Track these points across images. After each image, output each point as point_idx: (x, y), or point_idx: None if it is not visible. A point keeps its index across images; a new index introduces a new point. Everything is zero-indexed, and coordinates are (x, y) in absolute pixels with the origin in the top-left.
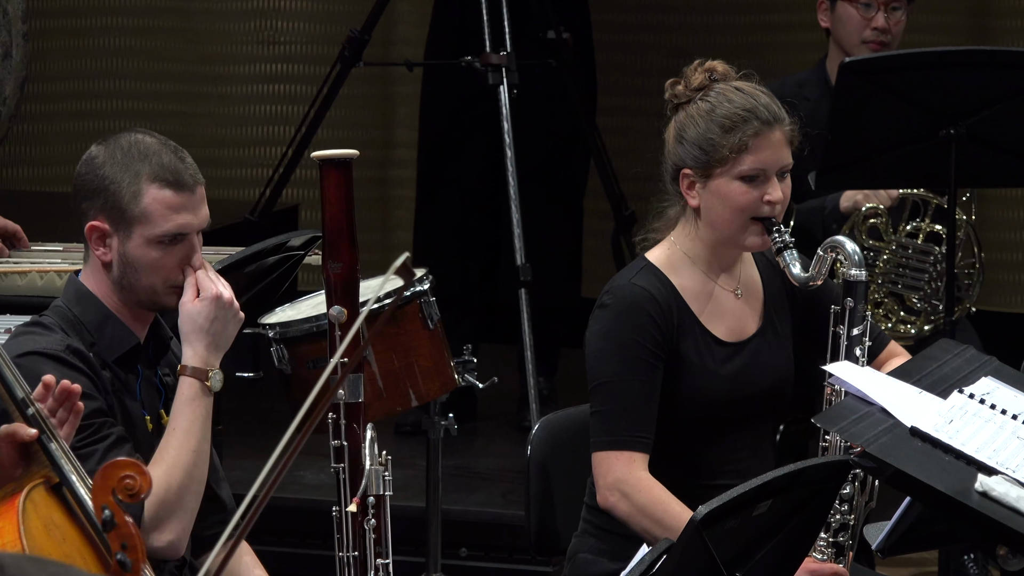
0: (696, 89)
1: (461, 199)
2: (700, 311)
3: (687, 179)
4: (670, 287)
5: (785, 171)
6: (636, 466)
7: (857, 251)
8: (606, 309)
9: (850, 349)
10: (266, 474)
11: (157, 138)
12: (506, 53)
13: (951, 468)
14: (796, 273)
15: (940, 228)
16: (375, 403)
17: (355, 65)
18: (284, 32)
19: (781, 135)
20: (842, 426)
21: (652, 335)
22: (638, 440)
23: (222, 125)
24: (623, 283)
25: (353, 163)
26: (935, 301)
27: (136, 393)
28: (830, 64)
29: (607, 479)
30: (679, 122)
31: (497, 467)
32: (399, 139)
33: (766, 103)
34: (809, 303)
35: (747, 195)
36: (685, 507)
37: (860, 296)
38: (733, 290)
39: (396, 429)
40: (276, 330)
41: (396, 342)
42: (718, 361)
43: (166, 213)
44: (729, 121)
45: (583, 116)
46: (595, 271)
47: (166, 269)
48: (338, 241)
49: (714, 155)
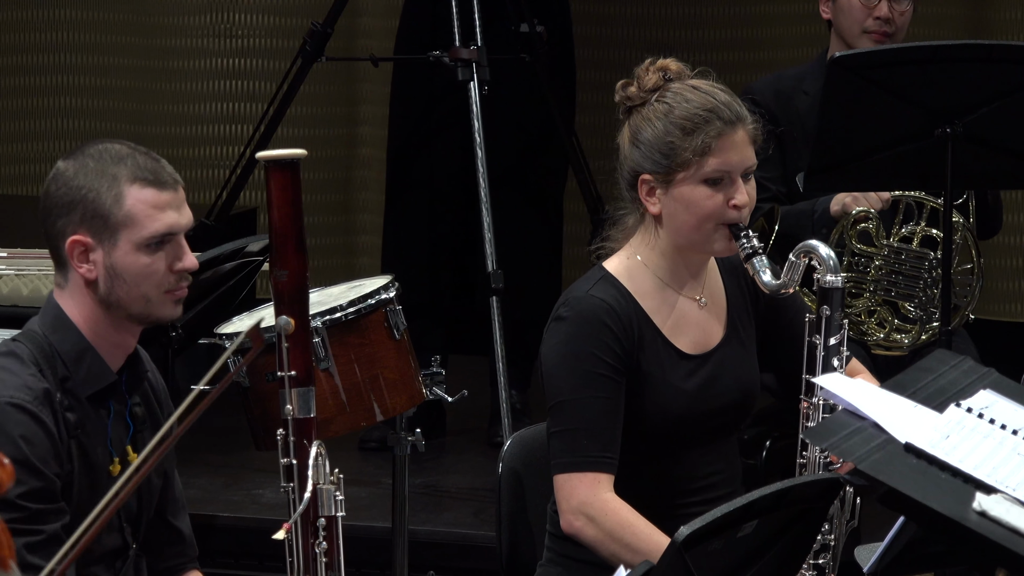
0: (650, 90)
1: (431, 201)
2: (662, 323)
3: (646, 185)
4: (630, 299)
5: (750, 172)
6: (601, 488)
7: (832, 256)
8: (563, 322)
9: (827, 360)
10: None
11: (125, 143)
12: (476, 47)
13: (948, 486)
14: (767, 280)
15: (936, 232)
16: (337, 418)
17: (317, 60)
18: (242, 25)
19: (744, 134)
20: (833, 442)
21: (612, 349)
22: (602, 460)
23: (176, 124)
24: (580, 294)
25: (300, 164)
26: (932, 309)
27: (107, 432)
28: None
29: (571, 503)
30: (633, 125)
31: (467, 485)
32: (364, 138)
33: (726, 101)
34: (772, 311)
35: (712, 200)
36: (655, 529)
37: (836, 304)
38: (696, 299)
39: (360, 445)
40: (233, 340)
41: (360, 353)
42: (682, 375)
43: (152, 213)
44: (689, 122)
45: (558, 114)
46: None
47: (158, 275)
48: (283, 247)
49: (675, 159)
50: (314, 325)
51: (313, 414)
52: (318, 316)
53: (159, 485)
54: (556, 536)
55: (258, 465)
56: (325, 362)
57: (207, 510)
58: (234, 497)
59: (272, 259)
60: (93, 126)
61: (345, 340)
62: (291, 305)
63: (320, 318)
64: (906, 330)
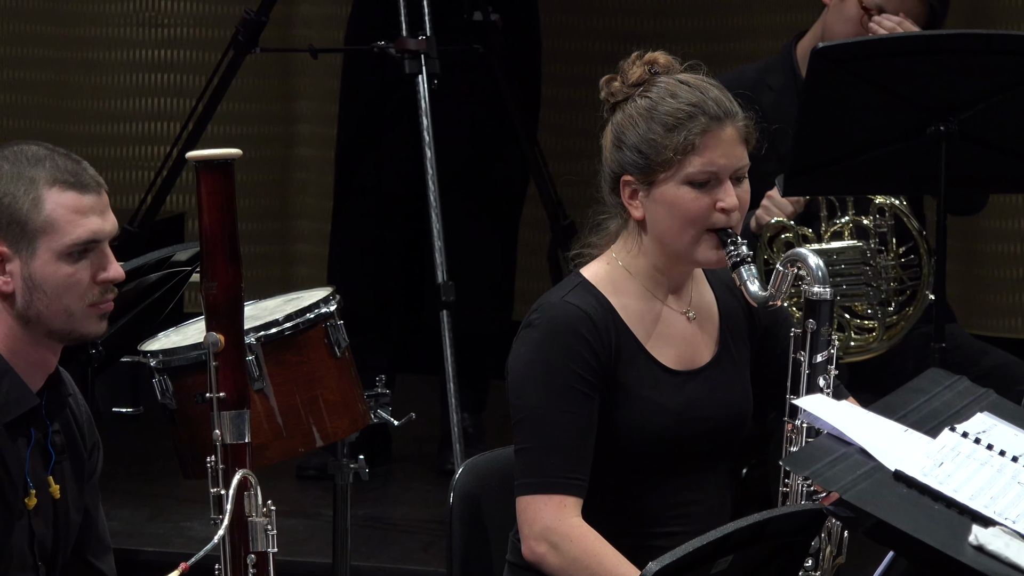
0: (635, 85)
1: (380, 206)
2: (644, 335)
3: (628, 187)
4: (609, 308)
5: (741, 174)
6: (568, 512)
7: (821, 266)
8: (534, 329)
9: (812, 378)
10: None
11: (42, 143)
12: (425, 37)
13: (941, 518)
14: (754, 291)
15: (867, 220)
16: (273, 443)
17: (250, 51)
18: (168, 13)
19: (734, 132)
20: (815, 469)
21: (587, 361)
22: (570, 482)
23: (96, 121)
24: (554, 300)
25: (234, 165)
26: (887, 297)
27: (24, 463)
28: (801, 48)
29: (534, 527)
30: (617, 124)
31: (415, 517)
32: (302, 137)
33: (715, 97)
34: (769, 328)
35: (697, 202)
36: (624, 559)
37: (824, 317)
38: (684, 312)
39: (298, 473)
40: (159, 359)
41: (298, 372)
42: (664, 392)
43: (73, 218)
44: (672, 118)
45: (515, 111)
46: (530, 291)
47: (80, 286)
48: (214, 256)
49: (656, 158)
50: (248, 342)
51: (246, 439)
52: (252, 332)
53: (78, 521)
54: (516, 566)
55: (186, 495)
56: (260, 382)
57: (130, 544)
58: (159, 530)
59: (202, 269)
60: (4, 124)
61: (282, 358)
62: (222, 320)
63: (254, 334)
64: (869, 329)
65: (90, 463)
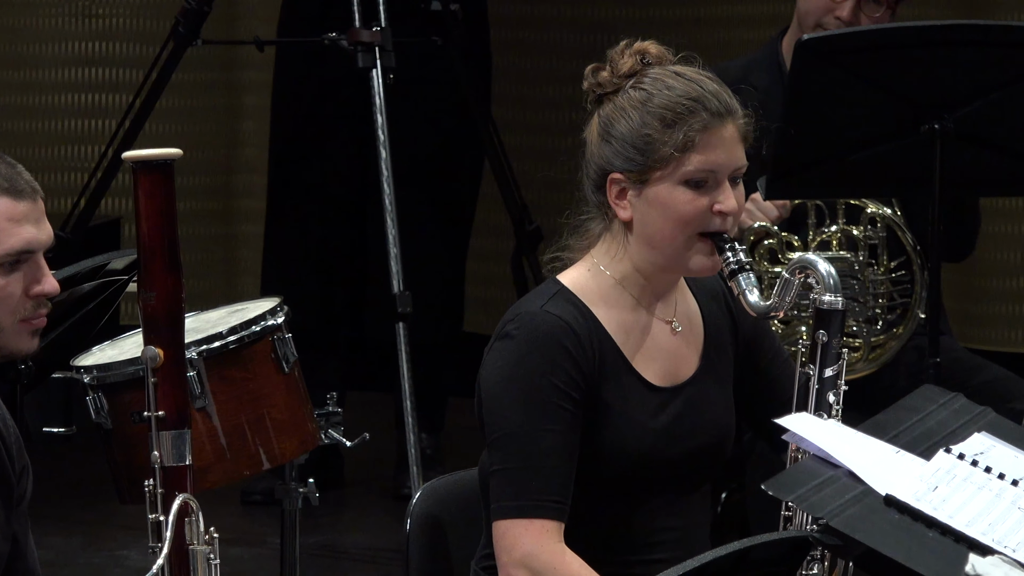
0: (625, 76)
1: (323, 211)
2: (628, 348)
3: (617, 186)
4: (590, 317)
5: (738, 175)
6: (549, 537)
7: (833, 273)
8: (510, 341)
9: (821, 394)
10: None
11: None
12: (380, 29)
13: (935, 546)
14: (754, 301)
15: (858, 231)
16: (216, 466)
17: (192, 43)
18: (103, 3)
19: (734, 130)
20: (800, 494)
21: (570, 375)
22: (552, 506)
23: (25, 118)
24: (533, 310)
25: (174, 166)
26: (877, 312)
27: None
28: (786, 43)
29: (513, 554)
30: (604, 116)
31: (369, 545)
32: (247, 136)
33: (715, 91)
34: (751, 339)
35: (693, 204)
36: None
37: (836, 328)
38: (668, 322)
39: (243, 498)
40: (93, 374)
41: (243, 389)
42: (648, 410)
43: (6, 227)
44: (671, 112)
45: (476, 107)
46: (494, 300)
47: (12, 300)
48: (153, 264)
49: (652, 155)
50: (189, 356)
51: (187, 461)
52: (193, 346)
53: (6, 551)
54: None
55: (122, 521)
56: (202, 400)
57: (63, 575)
58: (94, 559)
59: (140, 278)
60: None
61: (225, 374)
62: (161, 333)
63: (196, 348)
64: (854, 346)
65: (19, 488)
